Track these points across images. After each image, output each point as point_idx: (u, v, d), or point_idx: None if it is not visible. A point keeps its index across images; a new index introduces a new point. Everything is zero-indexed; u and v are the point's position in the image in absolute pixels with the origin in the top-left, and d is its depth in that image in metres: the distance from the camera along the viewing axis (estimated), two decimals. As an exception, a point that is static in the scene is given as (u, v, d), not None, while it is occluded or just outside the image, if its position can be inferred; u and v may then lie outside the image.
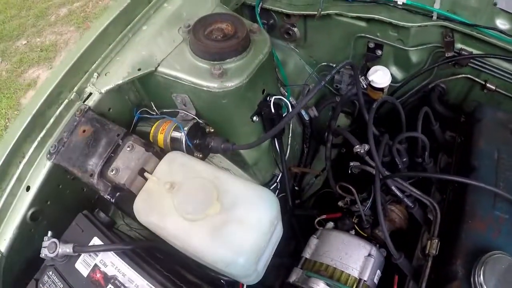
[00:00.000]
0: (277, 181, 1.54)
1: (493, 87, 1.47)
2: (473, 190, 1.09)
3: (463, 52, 1.44)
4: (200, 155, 1.14)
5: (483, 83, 1.48)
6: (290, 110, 1.39)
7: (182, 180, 0.90)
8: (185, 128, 1.09)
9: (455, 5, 1.43)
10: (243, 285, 1.01)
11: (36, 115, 1.10)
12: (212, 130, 1.21)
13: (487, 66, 1.46)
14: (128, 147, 1.02)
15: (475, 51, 1.44)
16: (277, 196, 1.13)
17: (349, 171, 1.37)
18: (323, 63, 1.77)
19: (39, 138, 1.12)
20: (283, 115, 1.40)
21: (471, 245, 0.99)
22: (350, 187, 1.29)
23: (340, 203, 1.38)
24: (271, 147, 1.48)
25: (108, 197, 1.01)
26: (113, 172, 0.99)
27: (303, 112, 1.64)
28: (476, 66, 1.49)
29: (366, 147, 1.25)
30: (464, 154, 1.24)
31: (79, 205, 1.16)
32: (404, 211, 1.31)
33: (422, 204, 1.21)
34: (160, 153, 1.05)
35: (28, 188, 1.09)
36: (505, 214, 1.04)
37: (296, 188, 1.70)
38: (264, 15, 1.68)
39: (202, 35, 1.16)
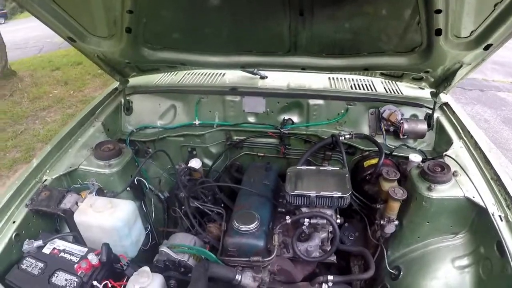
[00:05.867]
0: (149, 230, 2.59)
1: (262, 154, 2.93)
2: (241, 192, 2.39)
3: (237, 139, 2.91)
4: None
5: (257, 154, 2.96)
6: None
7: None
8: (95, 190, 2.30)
9: (225, 117, 2.88)
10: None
11: None
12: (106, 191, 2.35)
13: (255, 144, 2.93)
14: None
15: (242, 137, 2.88)
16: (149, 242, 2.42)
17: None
18: (169, 166, 2.96)
19: None
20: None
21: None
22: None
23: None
24: (142, 211, 2.57)
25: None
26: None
27: (160, 194, 2.79)
28: (250, 145, 2.95)
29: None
30: (239, 183, 2.56)
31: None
32: (218, 227, 2.53)
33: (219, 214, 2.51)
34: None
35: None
36: (253, 201, 2.25)
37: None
38: (131, 144, 2.89)
39: (99, 149, 2.45)
